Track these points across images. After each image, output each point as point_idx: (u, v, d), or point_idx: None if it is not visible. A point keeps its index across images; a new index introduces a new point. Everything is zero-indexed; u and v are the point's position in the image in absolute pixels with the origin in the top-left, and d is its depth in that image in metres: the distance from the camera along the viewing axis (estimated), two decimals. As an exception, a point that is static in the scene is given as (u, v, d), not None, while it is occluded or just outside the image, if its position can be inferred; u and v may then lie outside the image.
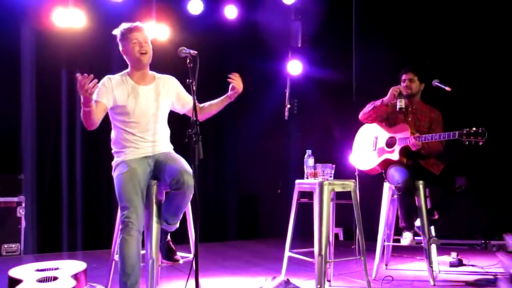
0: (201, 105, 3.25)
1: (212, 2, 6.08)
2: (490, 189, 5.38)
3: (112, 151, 3.06)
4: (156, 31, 5.62)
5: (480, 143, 3.44)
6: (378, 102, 3.93)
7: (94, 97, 2.90)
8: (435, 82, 3.95)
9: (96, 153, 5.38)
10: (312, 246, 3.29)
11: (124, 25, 3.02)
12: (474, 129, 3.45)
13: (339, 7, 6.28)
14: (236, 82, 3.14)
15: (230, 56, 6.56)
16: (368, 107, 3.99)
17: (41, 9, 5.12)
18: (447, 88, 3.87)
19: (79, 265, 3.02)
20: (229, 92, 3.19)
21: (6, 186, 4.85)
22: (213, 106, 3.27)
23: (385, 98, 3.90)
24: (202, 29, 5.91)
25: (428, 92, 4.09)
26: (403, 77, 4.02)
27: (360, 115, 4.08)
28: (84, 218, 5.34)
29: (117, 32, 3.04)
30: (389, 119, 4.03)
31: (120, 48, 3.05)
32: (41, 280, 2.80)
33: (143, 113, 2.98)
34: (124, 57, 3.07)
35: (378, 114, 3.97)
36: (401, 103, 3.83)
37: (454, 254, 4.27)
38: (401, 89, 3.89)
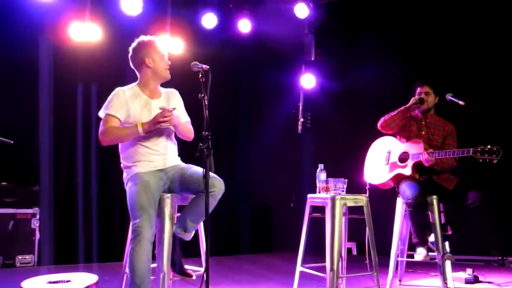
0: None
1: (225, 16, 6.13)
2: (506, 204, 5.30)
3: (122, 165, 3.07)
4: (170, 44, 5.68)
5: (494, 161, 3.38)
6: (401, 108, 3.92)
7: (108, 110, 2.93)
8: (449, 96, 3.93)
9: (110, 165, 5.40)
10: (324, 260, 3.27)
11: (150, 37, 3.06)
12: (488, 146, 3.40)
13: (351, 20, 6.30)
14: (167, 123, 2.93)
15: (243, 70, 6.61)
16: (391, 113, 3.95)
17: (58, 23, 5.21)
18: (461, 102, 3.84)
19: (90, 278, 3.03)
20: None
21: (22, 197, 4.90)
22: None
23: (408, 105, 3.92)
24: (215, 43, 5.97)
25: (441, 106, 4.06)
26: (418, 90, 3.99)
27: (380, 121, 3.99)
28: (98, 230, 5.36)
29: (142, 40, 3.04)
30: (403, 131, 4.00)
31: (138, 58, 3.02)
32: (53, 292, 2.82)
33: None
34: (140, 65, 3.04)
35: (399, 118, 3.93)
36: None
37: (469, 271, 4.20)
38: (421, 99, 3.91)
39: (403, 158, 3.90)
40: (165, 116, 2.81)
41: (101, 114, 2.97)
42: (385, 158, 4.03)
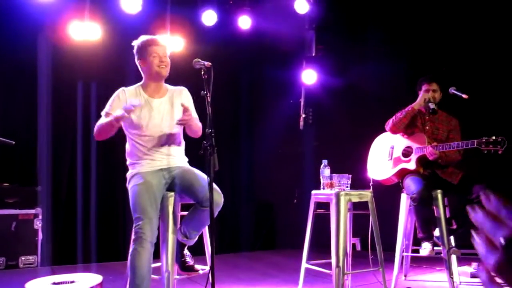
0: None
1: (225, 13, 6.10)
2: (510, 197, 5.26)
3: (127, 162, 3.07)
4: (170, 43, 5.65)
5: (500, 152, 3.38)
6: (408, 108, 3.89)
7: (107, 109, 2.95)
8: (452, 90, 3.90)
9: (111, 164, 5.40)
10: (329, 257, 3.25)
11: (144, 37, 3.03)
12: (493, 137, 3.39)
13: (352, 15, 6.26)
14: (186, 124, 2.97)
15: (244, 67, 6.58)
16: (399, 115, 3.92)
17: (57, 22, 5.19)
18: (464, 96, 3.82)
19: (95, 278, 3.01)
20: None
21: (24, 198, 4.89)
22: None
23: (415, 103, 3.88)
24: (216, 40, 5.93)
25: (444, 99, 4.03)
26: (426, 86, 3.94)
27: (389, 125, 3.96)
28: (101, 230, 5.36)
29: (136, 43, 3.05)
30: (408, 128, 3.98)
31: (137, 60, 3.05)
32: (57, 293, 2.80)
33: (156, 127, 2.97)
34: (140, 68, 3.07)
35: (408, 120, 3.91)
36: (433, 106, 3.85)
37: (475, 265, 4.18)
38: (431, 98, 3.86)
39: (407, 152, 3.88)
40: (185, 121, 2.85)
41: (102, 113, 3.00)
42: (388, 154, 4.01)
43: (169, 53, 3.08)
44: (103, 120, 2.91)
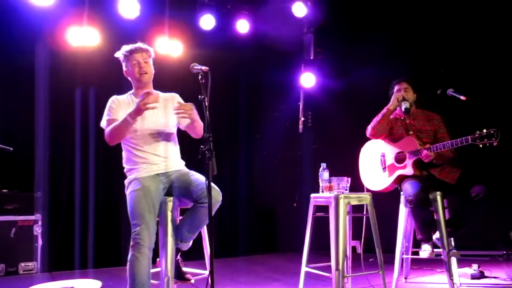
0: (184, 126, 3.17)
1: (223, 17, 6.11)
2: (509, 197, 5.27)
3: (124, 170, 3.07)
4: (169, 47, 5.66)
5: (495, 144, 3.40)
6: (384, 110, 3.94)
7: (108, 117, 2.99)
8: (450, 91, 3.89)
9: (111, 170, 5.39)
10: (329, 260, 3.25)
11: (125, 47, 3.09)
12: (485, 131, 3.41)
13: (351, 18, 6.27)
14: (186, 115, 2.94)
15: (243, 70, 6.59)
16: (376, 119, 3.96)
17: (56, 28, 5.19)
18: (462, 97, 3.81)
19: (94, 284, 3.01)
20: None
21: (23, 204, 4.88)
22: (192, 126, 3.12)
23: (389, 104, 3.95)
24: (214, 44, 5.94)
25: (443, 101, 4.02)
26: (397, 87, 4.04)
27: (369, 130, 4.00)
28: (100, 235, 5.34)
29: (119, 54, 3.11)
30: (392, 134, 3.99)
31: (124, 69, 3.12)
32: (57, 300, 2.80)
33: (150, 130, 3.00)
34: (128, 77, 3.14)
35: (386, 122, 3.93)
36: (406, 104, 3.91)
37: (475, 266, 4.18)
38: (403, 96, 3.93)
39: (400, 158, 3.86)
40: (183, 111, 2.85)
41: (103, 122, 3.03)
42: (380, 162, 3.98)
43: (152, 57, 3.12)
44: (113, 125, 2.91)
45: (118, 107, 3.01)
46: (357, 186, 3.81)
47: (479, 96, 4.60)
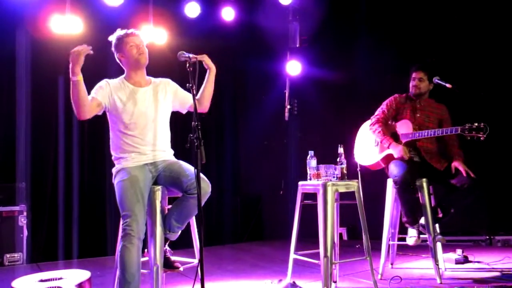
0: (197, 96, 3.18)
1: (209, 4, 6.05)
2: (494, 184, 5.36)
3: (112, 157, 3.03)
4: (153, 35, 5.59)
5: (482, 138, 3.48)
6: (388, 141, 3.81)
7: (90, 94, 2.98)
8: (436, 80, 3.93)
9: (95, 159, 5.35)
10: (317, 247, 3.27)
11: (119, 31, 3.07)
12: (475, 124, 3.47)
13: (337, 6, 6.25)
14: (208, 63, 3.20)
15: (228, 58, 6.53)
16: (380, 134, 3.88)
17: (38, 16, 5.08)
18: (448, 85, 3.85)
19: (83, 274, 2.99)
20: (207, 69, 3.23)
21: (7, 195, 4.81)
22: (205, 88, 3.27)
23: (393, 148, 3.78)
24: (199, 32, 5.88)
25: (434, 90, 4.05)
26: (413, 75, 3.95)
27: (371, 127, 3.99)
28: (87, 225, 5.31)
29: (113, 38, 3.08)
30: (397, 115, 4.00)
31: (116, 54, 3.08)
32: (45, 291, 2.78)
33: (142, 114, 2.97)
34: (120, 62, 3.10)
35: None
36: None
37: (459, 251, 4.26)
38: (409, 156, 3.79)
39: (394, 138, 3.90)
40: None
41: None
42: (374, 140, 4.03)
43: (145, 43, 3.10)
44: None
45: (104, 90, 2.97)
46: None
47: (467, 85, 4.67)
